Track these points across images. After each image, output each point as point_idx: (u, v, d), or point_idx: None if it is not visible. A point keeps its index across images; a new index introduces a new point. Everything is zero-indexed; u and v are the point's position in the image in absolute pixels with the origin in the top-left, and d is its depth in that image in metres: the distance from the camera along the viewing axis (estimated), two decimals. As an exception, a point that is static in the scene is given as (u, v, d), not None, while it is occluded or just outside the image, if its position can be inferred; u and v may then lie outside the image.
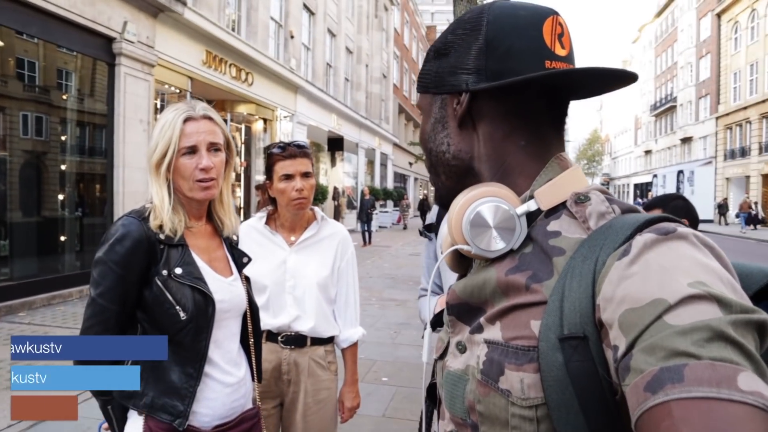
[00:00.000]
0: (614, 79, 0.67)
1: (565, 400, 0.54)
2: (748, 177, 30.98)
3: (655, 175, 41.17)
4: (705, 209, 29.74)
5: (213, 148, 1.44)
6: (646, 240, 0.53)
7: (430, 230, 2.08)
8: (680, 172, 35.59)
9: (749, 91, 31.44)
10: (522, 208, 0.65)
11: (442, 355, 0.74)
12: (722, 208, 29.93)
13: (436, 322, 0.81)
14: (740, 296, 0.49)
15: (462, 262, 0.76)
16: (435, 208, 2.17)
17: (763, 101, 29.14)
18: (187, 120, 1.41)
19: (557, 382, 0.54)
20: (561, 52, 0.68)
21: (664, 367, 0.44)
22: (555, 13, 0.68)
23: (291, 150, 1.93)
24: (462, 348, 0.69)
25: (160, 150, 1.39)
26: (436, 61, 0.74)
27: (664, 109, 46.81)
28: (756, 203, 27.49)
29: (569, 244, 0.60)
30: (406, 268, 12.01)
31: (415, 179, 41.97)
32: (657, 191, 37.89)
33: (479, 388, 0.62)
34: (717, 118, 34.95)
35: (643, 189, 48.45)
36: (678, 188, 33.38)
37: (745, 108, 31.25)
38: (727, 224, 29.11)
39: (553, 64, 0.66)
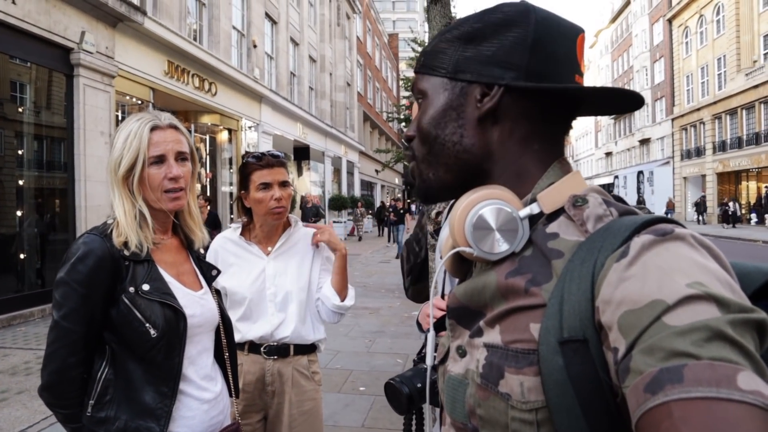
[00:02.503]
0: (630, 102, 0.70)
1: (566, 403, 0.53)
2: (704, 176, 32.04)
3: (616, 177, 42.22)
4: (665, 208, 30.57)
5: (180, 157, 1.40)
6: (644, 241, 0.53)
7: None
8: (640, 172, 36.54)
9: (701, 93, 32.62)
10: (525, 211, 0.65)
11: (443, 360, 0.73)
12: (699, 206, 29.88)
13: (438, 326, 0.80)
14: (738, 296, 0.49)
15: (461, 267, 0.76)
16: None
17: (715, 103, 30.23)
18: (153, 129, 1.37)
19: (558, 386, 0.54)
20: (583, 69, 0.70)
21: (664, 368, 0.44)
22: (583, 31, 0.70)
23: (267, 159, 1.92)
24: (462, 352, 0.68)
25: (128, 161, 1.34)
26: (460, 45, 0.70)
27: (622, 111, 48.05)
28: (734, 201, 27.36)
29: (567, 246, 0.60)
30: (377, 276, 11.97)
31: (382, 186, 42.05)
32: (619, 192, 38.89)
33: (479, 392, 0.62)
34: (673, 120, 36.13)
35: (605, 190, 49.57)
36: (639, 188, 34.26)
37: (698, 109, 32.38)
38: (704, 223, 29.29)
39: (577, 79, 0.69)
